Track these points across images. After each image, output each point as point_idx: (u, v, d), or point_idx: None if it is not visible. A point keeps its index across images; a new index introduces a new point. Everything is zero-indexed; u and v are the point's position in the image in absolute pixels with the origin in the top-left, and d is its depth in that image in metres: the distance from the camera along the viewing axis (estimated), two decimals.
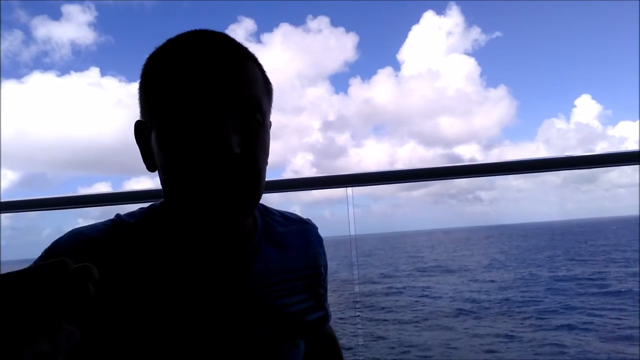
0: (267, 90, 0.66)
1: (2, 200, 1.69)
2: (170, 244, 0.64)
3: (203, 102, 0.57)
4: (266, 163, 0.65)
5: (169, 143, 0.59)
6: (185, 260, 0.63)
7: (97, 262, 0.59)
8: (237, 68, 0.61)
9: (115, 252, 0.61)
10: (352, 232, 1.74)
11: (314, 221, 0.84)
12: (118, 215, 0.67)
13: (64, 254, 0.59)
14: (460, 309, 18.55)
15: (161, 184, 0.63)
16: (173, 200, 0.62)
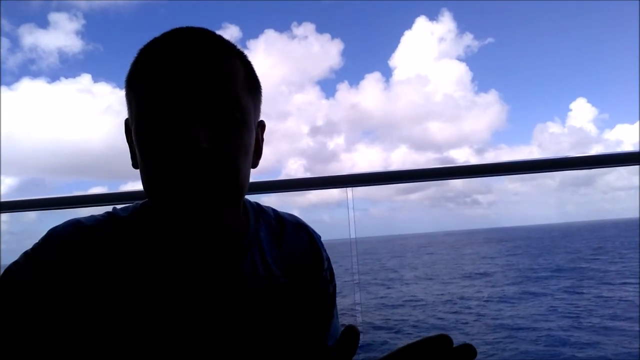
0: (250, 87, 0.63)
1: (1, 200, 1.67)
2: (159, 240, 0.63)
3: (173, 96, 0.56)
4: (248, 161, 0.62)
5: (141, 138, 0.58)
6: (173, 257, 0.62)
7: (92, 251, 0.60)
8: (213, 61, 0.58)
9: (108, 244, 0.61)
10: (353, 235, 1.72)
11: (312, 224, 0.81)
12: (114, 209, 0.67)
13: (60, 243, 0.59)
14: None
15: (141, 180, 0.63)
16: (148, 196, 0.62)
